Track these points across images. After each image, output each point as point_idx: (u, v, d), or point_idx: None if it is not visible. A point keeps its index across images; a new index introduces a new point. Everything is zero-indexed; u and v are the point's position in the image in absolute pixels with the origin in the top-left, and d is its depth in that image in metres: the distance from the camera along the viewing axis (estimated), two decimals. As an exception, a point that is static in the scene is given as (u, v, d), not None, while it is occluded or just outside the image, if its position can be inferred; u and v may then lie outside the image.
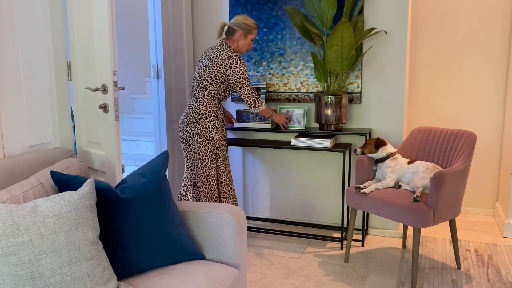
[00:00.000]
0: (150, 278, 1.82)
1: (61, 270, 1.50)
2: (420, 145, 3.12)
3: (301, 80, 3.59)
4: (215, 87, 3.09)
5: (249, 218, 3.89)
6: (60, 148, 2.32)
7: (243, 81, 3.07)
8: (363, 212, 3.50)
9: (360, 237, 3.53)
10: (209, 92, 3.10)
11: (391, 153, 2.97)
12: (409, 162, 2.95)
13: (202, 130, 3.09)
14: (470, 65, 3.90)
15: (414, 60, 4.03)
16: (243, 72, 3.06)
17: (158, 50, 3.48)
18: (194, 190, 3.22)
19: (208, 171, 3.12)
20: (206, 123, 3.09)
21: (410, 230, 3.61)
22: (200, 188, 3.15)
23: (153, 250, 1.88)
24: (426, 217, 2.62)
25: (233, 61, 3.05)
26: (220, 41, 3.15)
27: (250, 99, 3.11)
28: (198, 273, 1.87)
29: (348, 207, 3.44)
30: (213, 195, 3.14)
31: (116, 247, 1.82)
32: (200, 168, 3.13)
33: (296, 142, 3.37)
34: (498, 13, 3.77)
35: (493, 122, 3.91)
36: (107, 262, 1.66)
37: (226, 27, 3.20)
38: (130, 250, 1.83)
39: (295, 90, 3.62)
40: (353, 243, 3.41)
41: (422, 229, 3.62)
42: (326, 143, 3.28)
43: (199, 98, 3.11)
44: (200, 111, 3.09)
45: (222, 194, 3.18)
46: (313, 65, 3.47)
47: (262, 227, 3.70)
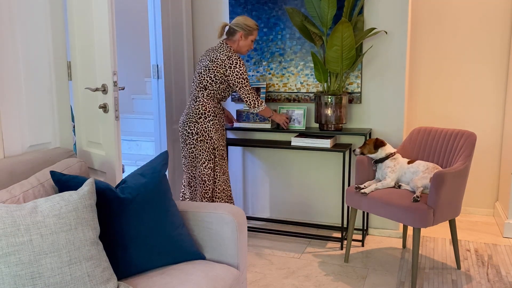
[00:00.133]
0: (150, 278, 1.82)
1: (61, 270, 1.50)
2: (420, 145, 3.12)
3: (301, 80, 3.59)
4: (215, 87, 3.10)
5: (249, 218, 3.89)
6: (60, 148, 2.32)
7: (243, 81, 3.07)
8: (363, 212, 3.50)
9: (360, 237, 3.53)
10: (208, 92, 3.10)
11: (391, 153, 2.97)
12: (409, 162, 2.95)
13: (201, 130, 3.09)
14: (470, 65, 3.90)
15: (414, 60, 4.03)
16: (243, 72, 3.07)
17: (158, 50, 3.48)
18: (190, 189, 3.22)
19: (204, 171, 3.12)
20: (205, 123, 3.09)
21: (410, 230, 3.61)
22: (196, 186, 3.16)
23: (153, 250, 1.88)
24: (426, 217, 2.62)
25: (232, 61, 3.06)
26: (220, 41, 3.16)
27: (249, 99, 3.12)
28: (198, 273, 1.87)
29: (348, 207, 3.44)
30: (206, 194, 3.14)
31: (116, 247, 1.82)
32: (197, 167, 3.14)
33: (296, 142, 3.37)
34: (498, 13, 3.77)
35: (493, 122, 3.91)
36: (107, 262, 1.66)
37: (227, 28, 3.20)
38: (130, 250, 1.83)
39: (295, 90, 3.62)
40: (353, 243, 3.41)
41: (422, 229, 3.62)
42: (326, 143, 3.28)
43: (199, 98, 3.12)
44: (199, 111, 3.10)
45: (215, 194, 3.19)
46: (313, 65, 3.47)
47: (262, 227, 3.70)
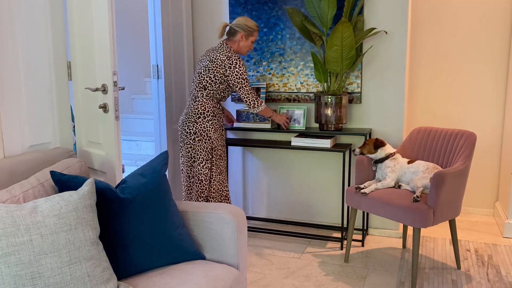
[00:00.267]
0: (150, 278, 1.82)
1: (61, 270, 1.50)
2: (420, 145, 3.12)
3: (301, 80, 3.59)
4: (214, 87, 3.10)
5: (249, 218, 3.89)
6: (60, 148, 2.32)
7: (242, 81, 3.07)
8: (363, 212, 3.50)
9: (360, 237, 3.53)
10: (208, 92, 3.11)
11: (390, 153, 2.97)
12: (409, 162, 2.95)
13: (200, 129, 3.10)
14: (470, 65, 3.90)
15: (414, 60, 4.03)
16: (242, 72, 3.07)
17: (158, 50, 3.48)
18: (185, 188, 3.24)
19: (202, 170, 3.13)
20: (204, 123, 3.10)
21: (410, 230, 3.61)
22: (193, 185, 3.17)
23: (153, 250, 1.88)
24: (426, 217, 2.62)
25: (232, 61, 3.06)
26: (220, 41, 3.16)
27: (249, 100, 3.12)
28: (198, 273, 1.87)
29: (348, 207, 3.44)
30: (202, 194, 3.15)
31: (116, 247, 1.82)
32: (193, 166, 3.15)
33: (296, 142, 3.37)
34: (498, 13, 3.77)
35: (493, 122, 3.91)
36: (107, 262, 1.66)
37: (227, 28, 3.21)
38: (130, 250, 1.83)
39: (295, 90, 3.62)
40: (353, 243, 3.41)
41: (422, 229, 3.62)
42: (326, 143, 3.28)
43: (198, 98, 3.12)
44: (198, 111, 3.10)
45: (210, 194, 3.19)
46: (313, 65, 3.47)
47: (262, 227, 3.70)
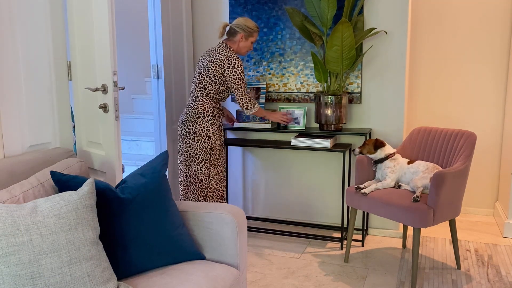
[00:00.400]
0: (150, 278, 1.82)
1: (61, 270, 1.50)
2: (420, 145, 3.12)
3: (301, 80, 3.59)
4: (214, 87, 3.11)
5: (249, 218, 3.89)
6: (60, 148, 2.32)
7: (239, 82, 3.08)
8: (363, 212, 3.50)
9: (360, 237, 3.53)
10: (207, 92, 3.11)
11: (390, 154, 2.97)
12: (409, 162, 2.95)
13: (200, 129, 3.10)
14: (470, 65, 3.90)
15: (414, 60, 4.03)
16: (240, 73, 3.08)
17: (158, 50, 3.48)
18: (181, 187, 3.24)
19: (201, 170, 3.14)
20: (204, 122, 3.10)
21: (410, 230, 3.61)
22: (190, 185, 3.18)
23: (153, 250, 1.88)
24: (426, 217, 2.62)
25: (231, 61, 3.07)
26: (220, 42, 3.17)
27: (243, 101, 3.13)
28: (198, 273, 1.87)
29: (348, 207, 3.44)
30: (202, 193, 3.16)
31: (116, 247, 1.82)
32: (191, 166, 3.16)
33: (296, 142, 3.37)
34: (498, 13, 3.77)
35: (493, 122, 3.91)
36: (107, 262, 1.66)
37: (227, 28, 3.21)
38: (130, 250, 1.83)
39: (295, 90, 3.62)
40: (353, 243, 3.41)
41: (422, 229, 3.62)
42: (326, 143, 3.28)
43: (198, 98, 3.13)
44: (198, 110, 3.11)
45: (207, 194, 3.20)
46: (313, 65, 3.47)
47: (262, 227, 3.70)
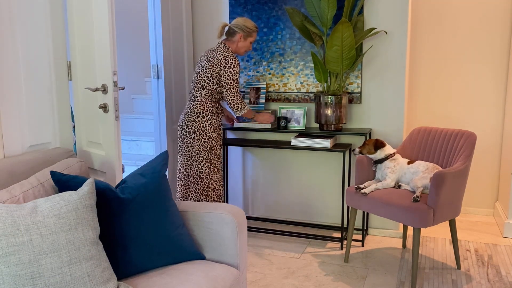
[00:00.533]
0: (150, 278, 1.82)
1: (61, 270, 1.50)
2: (420, 145, 3.12)
3: (301, 80, 3.59)
4: (212, 87, 3.12)
5: (249, 218, 3.89)
6: (60, 148, 2.32)
7: (232, 82, 3.09)
8: (363, 212, 3.50)
9: (360, 237, 3.53)
10: (206, 91, 3.13)
11: (390, 154, 2.97)
12: (409, 162, 2.94)
13: (199, 129, 3.11)
14: (470, 65, 3.90)
15: (414, 60, 4.03)
16: (235, 73, 3.09)
17: (158, 50, 3.48)
18: (182, 187, 3.25)
19: (202, 169, 3.15)
20: (203, 122, 3.12)
21: (410, 230, 3.61)
22: (191, 184, 3.19)
23: (153, 250, 1.88)
24: (426, 217, 2.62)
25: (228, 61, 3.08)
26: (219, 42, 3.18)
27: (233, 102, 3.14)
28: (198, 273, 1.87)
29: (348, 207, 3.44)
30: (204, 192, 3.17)
31: (116, 247, 1.82)
32: (193, 165, 3.17)
33: (296, 142, 3.37)
34: (498, 13, 3.77)
35: (493, 122, 3.91)
36: (107, 262, 1.66)
37: (226, 28, 3.22)
38: (130, 250, 1.83)
39: (295, 90, 3.62)
40: (353, 243, 3.41)
41: (422, 229, 3.62)
42: (326, 143, 3.28)
43: (197, 97, 3.15)
44: (197, 110, 3.12)
45: (208, 193, 3.21)
46: (313, 65, 3.47)
47: (262, 227, 3.70)
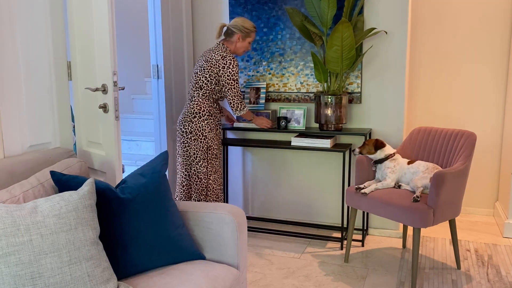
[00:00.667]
0: (150, 278, 1.82)
1: (61, 270, 1.50)
2: (420, 145, 3.12)
3: (301, 80, 3.59)
4: (210, 87, 3.13)
5: (249, 218, 3.89)
6: (60, 148, 2.32)
7: (232, 82, 3.10)
8: (363, 212, 3.50)
9: (360, 237, 3.53)
10: (204, 91, 3.14)
11: (390, 154, 2.96)
12: (409, 162, 2.94)
13: (196, 129, 3.13)
14: (470, 65, 3.90)
15: (414, 60, 4.03)
16: (234, 73, 3.10)
17: (158, 50, 3.48)
18: (182, 188, 3.26)
19: (200, 169, 3.17)
20: (200, 122, 3.13)
21: (410, 230, 3.61)
22: (192, 184, 3.21)
23: (153, 250, 1.88)
24: (426, 217, 2.62)
25: (226, 61, 3.09)
26: (217, 42, 3.19)
27: (234, 102, 3.15)
28: (198, 273, 1.87)
29: (348, 207, 3.44)
30: (203, 192, 3.20)
31: (116, 247, 1.82)
32: (192, 165, 3.18)
33: (296, 142, 3.37)
34: (498, 13, 3.77)
35: (493, 122, 3.91)
36: (107, 262, 1.66)
37: (225, 28, 3.22)
38: (130, 250, 1.83)
39: (295, 90, 3.62)
40: (353, 243, 3.41)
41: (422, 229, 3.62)
42: (326, 143, 3.28)
43: (194, 98, 3.16)
44: (194, 110, 3.14)
45: (207, 193, 3.23)
46: (313, 65, 3.47)
47: (262, 227, 3.70)
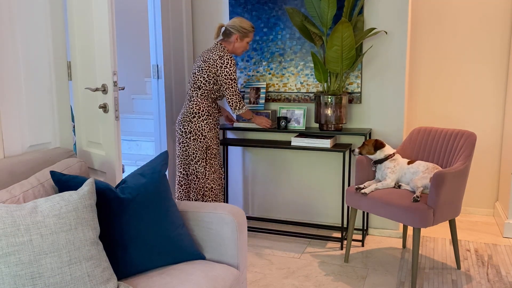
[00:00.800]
0: (150, 278, 1.82)
1: (61, 270, 1.50)
2: (420, 145, 3.12)
3: (301, 80, 3.59)
4: (208, 87, 3.14)
5: (249, 218, 3.89)
6: (60, 148, 2.32)
7: (230, 82, 3.11)
8: (363, 212, 3.50)
9: (360, 237, 3.53)
10: (202, 91, 3.15)
11: (390, 154, 2.96)
12: (409, 162, 2.94)
13: (195, 129, 3.14)
14: (470, 65, 3.90)
15: (414, 60, 4.03)
16: (232, 73, 3.11)
17: (158, 50, 3.48)
18: (180, 187, 3.26)
19: (198, 169, 3.18)
20: (199, 122, 3.14)
21: (410, 230, 3.61)
22: (191, 183, 3.22)
23: (153, 250, 1.88)
24: (426, 217, 2.62)
25: (224, 61, 3.09)
26: (216, 42, 3.20)
27: (233, 101, 3.16)
28: (198, 273, 1.87)
29: (348, 207, 3.44)
30: (200, 191, 3.21)
31: (116, 247, 1.82)
32: (190, 165, 3.19)
33: (296, 142, 3.37)
34: (498, 13, 3.77)
35: (493, 122, 3.91)
36: (107, 262, 1.66)
37: (223, 29, 3.23)
38: (130, 250, 1.83)
39: (295, 90, 3.62)
40: (353, 243, 3.41)
41: (422, 229, 3.62)
42: (326, 143, 3.28)
43: (193, 98, 3.17)
44: (193, 110, 3.14)
45: (205, 192, 3.24)
46: (313, 65, 3.47)
47: (262, 227, 3.70)
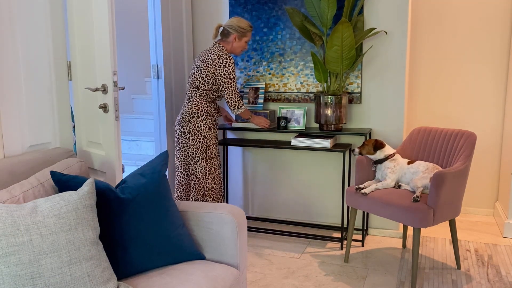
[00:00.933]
0: (150, 278, 1.82)
1: (61, 270, 1.50)
2: (420, 145, 3.12)
3: (301, 80, 3.59)
4: (207, 87, 3.14)
5: (249, 218, 3.89)
6: (60, 148, 2.32)
7: (229, 81, 3.12)
8: (363, 212, 3.50)
9: (360, 237, 3.53)
10: (201, 91, 3.16)
11: (390, 154, 2.96)
12: (409, 162, 2.94)
13: (194, 129, 3.14)
14: (470, 65, 3.90)
15: (414, 60, 4.03)
16: (231, 72, 3.11)
17: (158, 50, 3.48)
18: (180, 188, 3.27)
19: (198, 169, 3.19)
20: (198, 122, 3.14)
21: (410, 230, 3.61)
22: (191, 183, 3.23)
23: (153, 250, 1.88)
24: (426, 217, 2.62)
25: (222, 60, 3.10)
26: (214, 42, 3.20)
27: (232, 100, 3.17)
28: (198, 273, 1.87)
29: (348, 207, 3.44)
30: (200, 192, 3.22)
31: (116, 247, 1.82)
32: (190, 165, 3.20)
33: (296, 142, 3.37)
34: (498, 13, 3.77)
35: (493, 122, 3.91)
36: (107, 262, 1.66)
37: (221, 29, 3.23)
38: (130, 250, 1.83)
39: (295, 90, 3.62)
40: (353, 243, 3.41)
41: (422, 229, 3.62)
42: (326, 143, 3.28)
43: (192, 98, 3.18)
44: (192, 110, 3.15)
45: (205, 192, 3.24)
46: (313, 65, 3.47)
47: (262, 227, 3.70)
